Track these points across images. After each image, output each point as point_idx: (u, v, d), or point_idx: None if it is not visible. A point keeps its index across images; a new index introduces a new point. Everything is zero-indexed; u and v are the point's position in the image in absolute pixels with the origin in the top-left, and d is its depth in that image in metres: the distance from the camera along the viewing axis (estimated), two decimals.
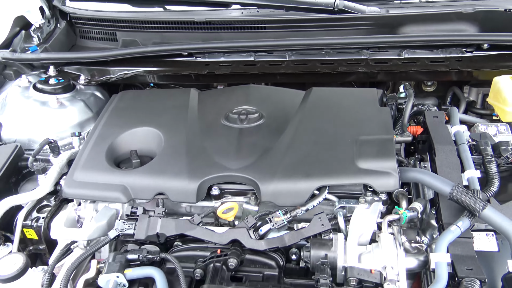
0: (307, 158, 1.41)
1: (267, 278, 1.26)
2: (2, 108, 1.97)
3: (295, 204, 1.33)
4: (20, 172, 1.76)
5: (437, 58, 1.84)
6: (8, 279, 1.32)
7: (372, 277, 1.15)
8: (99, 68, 2.08)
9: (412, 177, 1.36)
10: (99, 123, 1.68)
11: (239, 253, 1.26)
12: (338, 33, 1.94)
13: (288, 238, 1.27)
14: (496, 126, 1.63)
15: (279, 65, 1.94)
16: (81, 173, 1.47)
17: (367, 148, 1.41)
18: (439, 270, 1.12)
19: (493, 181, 1.36)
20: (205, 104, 1.74)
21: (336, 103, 1.69)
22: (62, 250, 1.40)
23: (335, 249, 1.21)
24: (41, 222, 1.54)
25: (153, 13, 2.17)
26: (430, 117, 1.59)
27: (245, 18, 2.02)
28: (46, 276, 1.30)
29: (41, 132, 1.84)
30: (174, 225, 1.32)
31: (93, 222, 1.41)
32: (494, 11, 1.84)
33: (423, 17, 1.90)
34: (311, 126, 1.55)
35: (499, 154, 1.45)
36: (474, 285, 1.07)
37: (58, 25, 2.27)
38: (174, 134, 1.57)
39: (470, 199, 1.20)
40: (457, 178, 1.35)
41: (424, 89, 2.16)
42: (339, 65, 1.90)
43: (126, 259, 1.26)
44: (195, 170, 1.41)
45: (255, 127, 1.58)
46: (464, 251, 1.17)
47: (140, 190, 1.41)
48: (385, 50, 1.89)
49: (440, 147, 1.45)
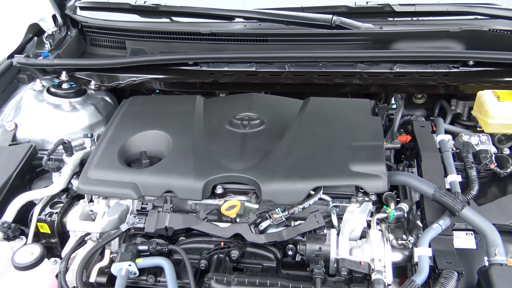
0: (304, 161, 1.52)
1: (266, 269, 1.37)
2: (17, 110, 2.06)
3: (293, 202, 1.43)
4: (34, 170, 1.85)
5: (426, 73, 1.94)
6: (26, 267, 1.37)
7: (361, 268, 1.27)
8: (108, 75, 2.17)
9: (399, 180, 1.48)
10: (111, 125, 1.77)
11: (241, 246, 1.37)
12: (334, 47, 2.04)
13: (286, 233, 1.38)
14: (478, 136, 1.76)
15: (279, 75, 2.03)
16: (95, 171, 1.56)
17: (359, 153, 1.51)
18: (421, 262, 1.23)
19: (473, 185, 1.49)
20: (210, 110, 1.85)
21: (332, 112, 1.80)
22: (77, 241, 1.51)
23: (329, 243, 1.33)
24: (54, 217, 1.63)
25: (161, 23, 2.26)
26: (417, 127, 1.72)
27: (248, 31, 2.11)
28: (63, 264, 1.39)
29: (54, 133, 1.93)
30: (181, 219, 1.42)
31: (106, 216, 1.51)
32: (479, 30, 1.95)
33: (414, 35, 2.01)
34: (308, 132, 1.65)
35: (479, 161, 1.58)
36: (452, 276, 1.19)
37: (69, 32, 2.36)
38: (181, 137, 1.66)
39: (451, 200, 1.33)
40: (440, 182, 1.47)
41: (415, 101, 2.27)
42: (335, 77, 2.00)
43: (137, 249, 1.37)
44: (201, 170, 1.50)
45: (256, 132, 1.68)
46: (444, 247, 1.29)
47: (150, 188, 1.49)
48: (378, 64, 1.99)
49: (425, 153, 1.58)
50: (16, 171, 1.75)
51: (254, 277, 1.28)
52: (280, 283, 1.25)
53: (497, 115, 1.75)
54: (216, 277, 1.28)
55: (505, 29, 1.95)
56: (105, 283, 1.37)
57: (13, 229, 1.57)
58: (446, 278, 1.19)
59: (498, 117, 1.75)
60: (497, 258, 1.23)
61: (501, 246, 1.25)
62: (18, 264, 1.37)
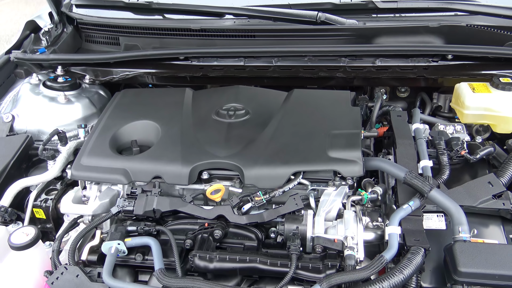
0: (286, 148, 1.59)
1: (247, 248, 1.44)
2: (14, 102, 2.14)
3: (274, 186, 1.50)
4: (30, 159, 1.93)
5: (407, 66, 2.02)
6: (21, 247, 1.45)
7: (335, 245, 1.35)
8: (103, 69, 2.23)
9: (374, 165, 1.56)
10: (104, 116, 1.84)
11: (224, 226, 1.45)
12: (319, 42, 2.11)
13: (267, 215, 1.46)
14: (453, 126, 1.84)
15: (266, 69, 2.11)
16: (87, 158, 1.62)
17: (337, 140, 1.59)
18: (391, 240, 1.31)
19: (444, 170, 1.57)
20: (199, 101, 1.92)
21: (314, 103, 1.88)
22: (70, 223, 1.59)
23: (305, 223, 1.41)
24: (49, 203, 1.71)
25: (153, 20, 2.32)
26: (394, 116, 1.80)
27: (237, 27, 2.18)
28: (56, 243, 1.48)
29: (50, 124, 2.00)
30: (168, 202, 1.50)
31: (97, 200, 1.59)
32: (458, 25, 2.02)
33: (395, 30, 2.09)
34: (291, 121, 1.73)
35: (451, 148, 1.66)
36: (419, 252, 1.26)
37: (65, 29, 2.42)
38: (170, 126, 1.73)
39: (420, 183, 1.41)
40: (413, 167, 1.54)
41: (398, 94, 2.35)
42: (319, 71, 2.08)
43: (126, 230, 1.45)
44: (188, 157, 1.56)
45: (241, 122, 1.75)
46: (414, 227, 1.37)
47: (139, 173, 1.56)
48: (361, 58, 2.05)
49: (400, 141, 1.66)
50: (13, 160, 1.83)
51: (235, 254, 1.36)
52: (259, 259, 1.34)
53: (472, 106, 1.84)
54: (199, 254, 1.36)
55: (482, 24, 2.03)
56: (96, 261, 1.45)
57: (9, 213, 1.65)
58: (413, 253, 1.26)
59: (473, 108, 1.84)
60: (461, 235, 1.30)
61: (465, 224, 1.33)
62: (14, 244, 1.45)
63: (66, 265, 1.38)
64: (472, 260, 1.23)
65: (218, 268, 1.35)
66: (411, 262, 1.23)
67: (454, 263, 1.24)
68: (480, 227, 1.43)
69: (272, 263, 1.33)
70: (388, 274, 1.22)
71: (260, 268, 1.34)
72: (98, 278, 1.38)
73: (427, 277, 1.34)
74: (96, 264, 1.44)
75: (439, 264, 1.37)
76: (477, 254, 1.23)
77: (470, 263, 1.22)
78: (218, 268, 1.35)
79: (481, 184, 1.52)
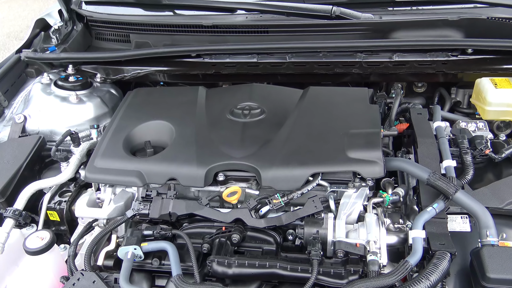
0: (303, 149, 1.55)
1: (266, 253, 1.41)
2: (26, 103, 2.13)
3: (292, 188, 1.46)
4: (43, 161, 1.92)
5: (425, 61, 1.96)
6: (37, 252, 1.42)
7: (357, 250, 1.31)
8: (114, 68, 2.21)
9: (395, 166, 1.51)
10: (116, 116, 1.82)
11: (242, 230, 1.42)
12: (334, 37, 2.07)
13: (285, 218, 1.43)
14: (475, 123, 1.79)
15: (280, 66, 2.06)
16: (101, 160, 1.60)
17: (356, 140, 1.55)
18: (415, 244, 1.27)
19: (468, 170, 1.52)
20: (212, 100, 1.88)
21: (330, 101, 1.83)
22: (85, 227, 1.57)
23: (326, 226, 1.37)
24: (63, 205, 1.70)
25: (164, 17, 2.30)
26: (414, 114, 1.75)
27: (249, 23, 2.14)
28: (72, 248, 1.46)
29: (62, 124, 1.99)
30: (184, 205, 1.47)
31: (112, 203, 1.57)
32: (478, 18, 1.97)
33: (412, 24, 2.03)
34: (307, 120, 1.69)
35: (475, 147, 1.61)
36: (445, 257, 1.22)
37: (75, 27, 2.40)
38: (184, 127, 1.70)
39: (445, 184, 1.36)
40: (436, 167, 1.50)
41: (415, 90, 2.30)
42: (335, 67, 2.03)
43: (142, 234, 1.42)
44: (203, 158, 1.54)
45: (257, 121, 1.72)
46: (438, 230, 1.33)
47: (154, 176, 1.53)
48: (378, 53, 2.00)
49: (422, 140, 1.61)
50: (26, 162, 1.81)
51: (254, 259, 1.32)
52: (279, 264, 1.30)
53: (494, 102, 1.78)
54: (217, 260, 1.33)
55: (504, 17, 1.97)
56: (112, 266, 1.43)
57: (24, 217, 1.63)
58: (439, 258, 1.22)
59: (495, 104, 1.79)
60: (488, 239, 1.26)
61: (493, 228, 1.28)
62: (29, 249, 1.43)
63: (82, 271, 1.36)
64: (501, 265, 1.19)
65: (237, 274, 1.32)
66: (437, 268, 1.19)
67: (482, 268, 1.19)
68: (507, 230, 1.38)
69: (292, 269, 1.30)
70: (414, 280, 1.18)
71: (280, 273, 1.31)
72: (115, 284, 1.35)
73: (451, 281, 1.31)
74: (112, 269, 1.43)
75: (463, 267, 1.33)
76: (507, 259, 1.19)
77: (500, 269, 1.18)
78: (237, 274, 1.32)
79: (507, 185, 1.47)
